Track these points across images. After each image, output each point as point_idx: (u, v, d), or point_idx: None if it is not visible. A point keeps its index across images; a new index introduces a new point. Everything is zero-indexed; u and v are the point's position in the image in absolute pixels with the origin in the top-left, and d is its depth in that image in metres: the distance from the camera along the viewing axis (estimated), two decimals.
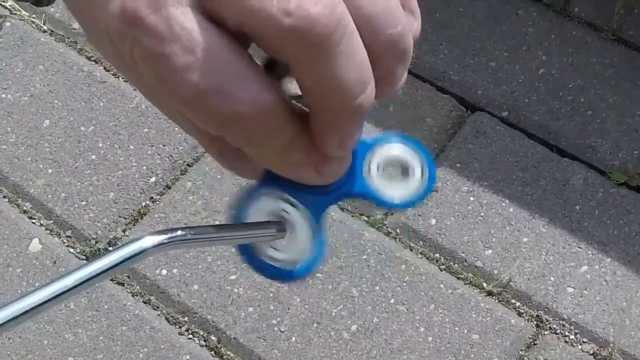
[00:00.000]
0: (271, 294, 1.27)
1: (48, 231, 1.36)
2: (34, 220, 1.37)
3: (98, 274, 0.30)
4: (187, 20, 0.28)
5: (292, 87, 0.34)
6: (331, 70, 0.29)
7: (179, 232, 0.32)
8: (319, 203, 0.36)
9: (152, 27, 0.28)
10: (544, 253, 1.30)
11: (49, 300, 0.29)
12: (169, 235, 0.32)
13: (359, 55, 0.29)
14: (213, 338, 1.24)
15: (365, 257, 1.29)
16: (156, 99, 0.33)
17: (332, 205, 0.38)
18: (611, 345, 1.21)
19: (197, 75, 0.28)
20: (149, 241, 0.31)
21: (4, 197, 1.40)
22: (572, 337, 1.22)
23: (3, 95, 1.51)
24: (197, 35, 0.28)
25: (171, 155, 1.42)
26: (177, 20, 0.28)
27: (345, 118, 0.31)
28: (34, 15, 1.63)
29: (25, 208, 1.38)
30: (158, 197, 1.38)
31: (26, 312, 0.28)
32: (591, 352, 1.21)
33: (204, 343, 1.24)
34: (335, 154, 0.33)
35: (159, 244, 0.31)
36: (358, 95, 0.30)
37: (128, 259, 0.30)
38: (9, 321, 0.28)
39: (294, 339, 1.23)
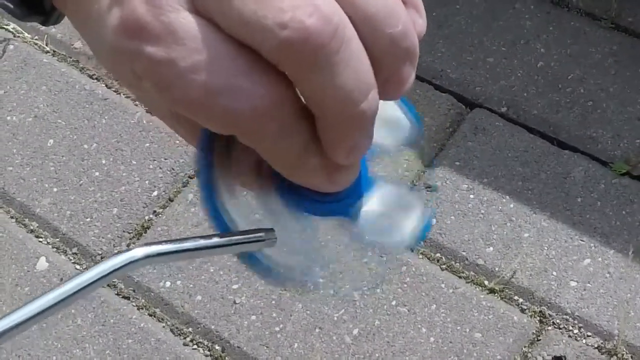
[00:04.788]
0: (273, 302, 1.28)
1: (54, 249, 1.38)
2: (40, 239, 1.39)
3: (90, 284, 0.31)
4: (188, 24, 0.28)
5: None
6: (330, 79, 0.28)
7: (168, 245, 0.33)
8: (308, 208, 0.37)
9: (156, 32, 0.28)
10: (545, 248, 1.28)
11: (49, 308, 0.29)
12: (158, 247, 0.33)
13: (359, 61, 0.29)
14: (217, 347, 1.25)
15: (365, 260, 1.29)
16: (162, 112, 0.33)
17: (320, 215, 0.37)
18: (616, 338, 1.20)
19: (205, 75, 0.28)
20: (139, 252, 0.32)
21: (12, 217, 1.43)
22: (576, 331, 1.21)
23: (8, 118, 1.54)
24: (200, 37, 0.28)
25: (173, 168, 1.44)
26: (178, 24, 0.28)
27: (350, 126, 0.30)
28: (36, 37, 1.65)
29: (32, 227, 1.41)
30: (161, 210, 1.39)
31: (20, 323, 0.29)
32: (596, 345, 1.20)
33: (208, 353, 1.25)
34: (344, 162, 0.32)
35: (148, 256, 0.32)
36: (360, 102, 0.29)
37: (118, 269, 0.32)
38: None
39: (296, 345, 1.24)
